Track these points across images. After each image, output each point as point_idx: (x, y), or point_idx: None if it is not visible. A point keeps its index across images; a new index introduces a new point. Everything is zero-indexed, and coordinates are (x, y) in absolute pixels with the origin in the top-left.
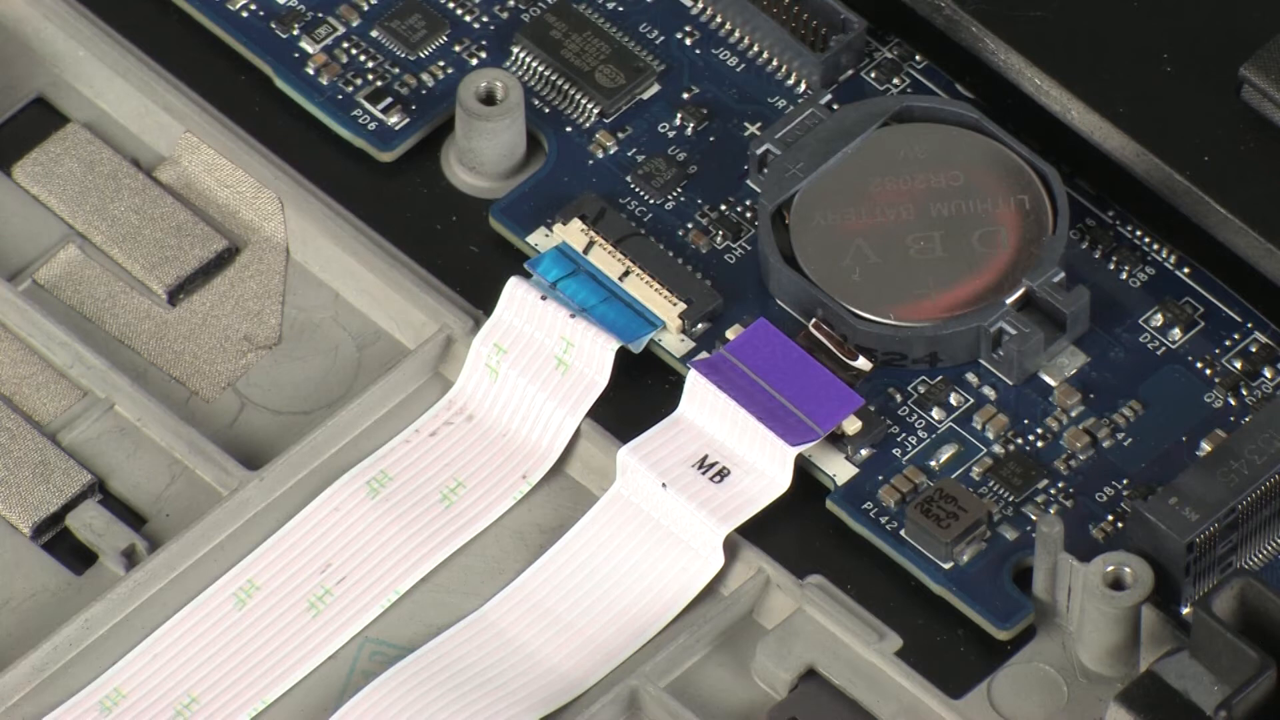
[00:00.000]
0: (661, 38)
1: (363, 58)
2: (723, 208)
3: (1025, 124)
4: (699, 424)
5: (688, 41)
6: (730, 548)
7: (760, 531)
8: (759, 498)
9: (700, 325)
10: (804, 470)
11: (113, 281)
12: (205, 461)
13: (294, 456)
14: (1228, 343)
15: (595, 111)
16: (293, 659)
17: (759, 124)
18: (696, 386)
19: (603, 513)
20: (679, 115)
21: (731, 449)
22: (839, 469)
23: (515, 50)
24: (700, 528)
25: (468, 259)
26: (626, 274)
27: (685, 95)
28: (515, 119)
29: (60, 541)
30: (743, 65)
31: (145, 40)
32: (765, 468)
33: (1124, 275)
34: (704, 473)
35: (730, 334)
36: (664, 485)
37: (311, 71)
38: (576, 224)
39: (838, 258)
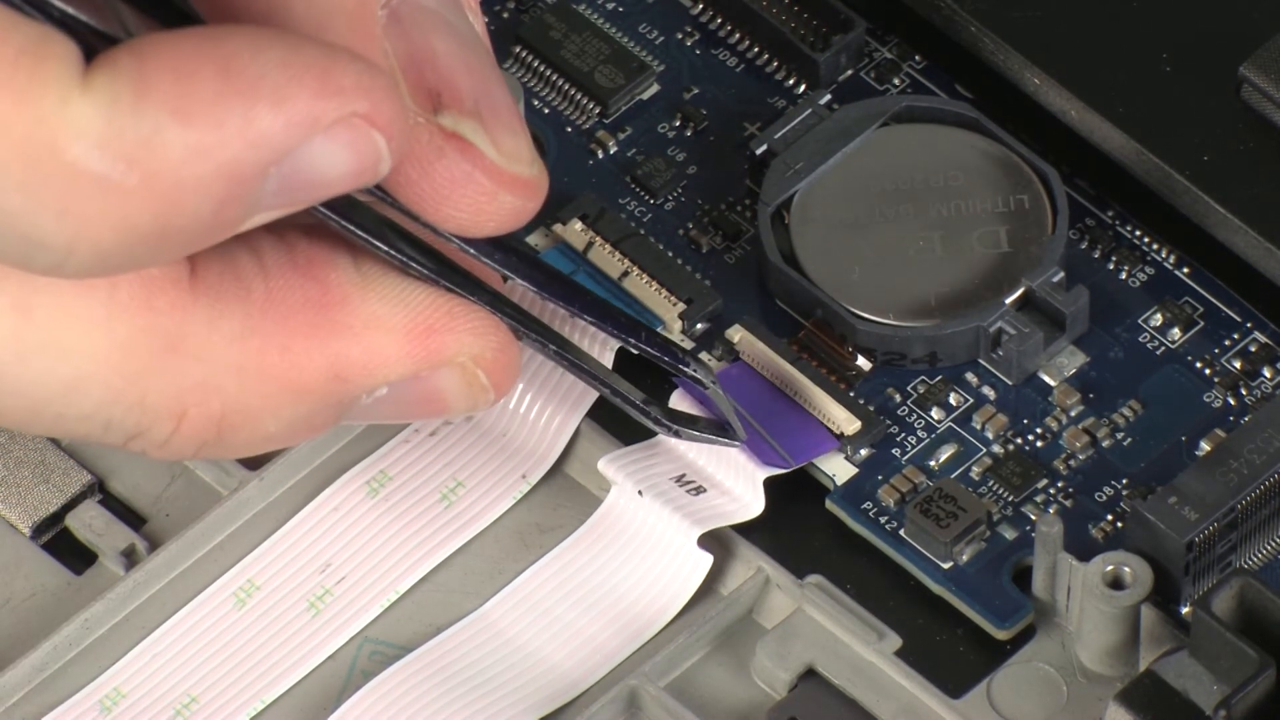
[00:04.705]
0: (661, 38)
1: None
2: (722, 208)
3: (1025, 124)
4: (679, 447)
5: (687, 42)
6: (730, 547)
7: (760, 531)
8: (733, 516)
9: (700, 325)
10: (804, 470)
11: None
12: (205, 461)
13: (294, 456)
14: (1227, 342)
15: (595, 111)
16: (292, 659)
17: (759, 124)
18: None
19: (602, 514)
20: (678, 115)
21: (710, 473)
22: (838, 469)
23: (515, 50)
24: (675, 532)
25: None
26: (626, 274)
27: (685, 95)
28: None
29: (60, 541)
30: (742, 65)
31: None
32: (740, 491)
33: (1124, 275)
34: (681, 487)
35: (730, 334)
36: (640, 493)
37: None
38: (576, 224)
39: (837, 258)
